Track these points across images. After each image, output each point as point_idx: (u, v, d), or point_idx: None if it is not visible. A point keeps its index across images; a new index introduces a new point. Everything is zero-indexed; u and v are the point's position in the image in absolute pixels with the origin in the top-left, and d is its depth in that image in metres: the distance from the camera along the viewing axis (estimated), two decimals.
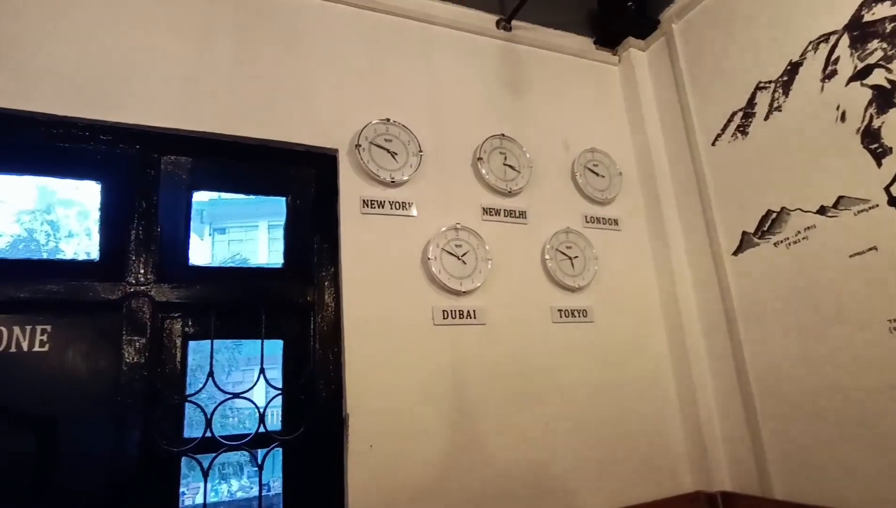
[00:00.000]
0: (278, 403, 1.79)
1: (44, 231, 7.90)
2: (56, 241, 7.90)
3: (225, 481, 6.89)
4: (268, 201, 16.39)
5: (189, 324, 1.73)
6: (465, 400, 1.88)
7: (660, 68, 2.58)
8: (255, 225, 15.85)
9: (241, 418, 8.27)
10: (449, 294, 1.95)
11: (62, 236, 7.97)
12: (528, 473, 1.90)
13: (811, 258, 1.90)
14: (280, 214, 5.69)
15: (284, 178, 1.94)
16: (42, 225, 7.86)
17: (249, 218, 15.07)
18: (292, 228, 1.91)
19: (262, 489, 1.69)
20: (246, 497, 10.39)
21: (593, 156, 2.43)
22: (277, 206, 8.07)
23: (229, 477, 6.84)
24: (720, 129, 2.27)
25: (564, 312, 2.14)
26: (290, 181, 1.95)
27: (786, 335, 1.96)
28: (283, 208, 1.95)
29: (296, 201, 1.94)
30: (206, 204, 12.85)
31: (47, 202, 7.97)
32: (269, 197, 1.93)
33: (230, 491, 7.33)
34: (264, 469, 1.73)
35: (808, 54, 1.95)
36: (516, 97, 2.39)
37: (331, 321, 1.83)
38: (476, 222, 2.09)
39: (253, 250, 14.80)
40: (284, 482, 1.72)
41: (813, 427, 1.86)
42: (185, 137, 1.78)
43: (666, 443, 2.17)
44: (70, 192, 8.31)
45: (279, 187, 1.94)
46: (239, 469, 9.50)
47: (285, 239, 1.91)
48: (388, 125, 2.03)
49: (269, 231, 16.43)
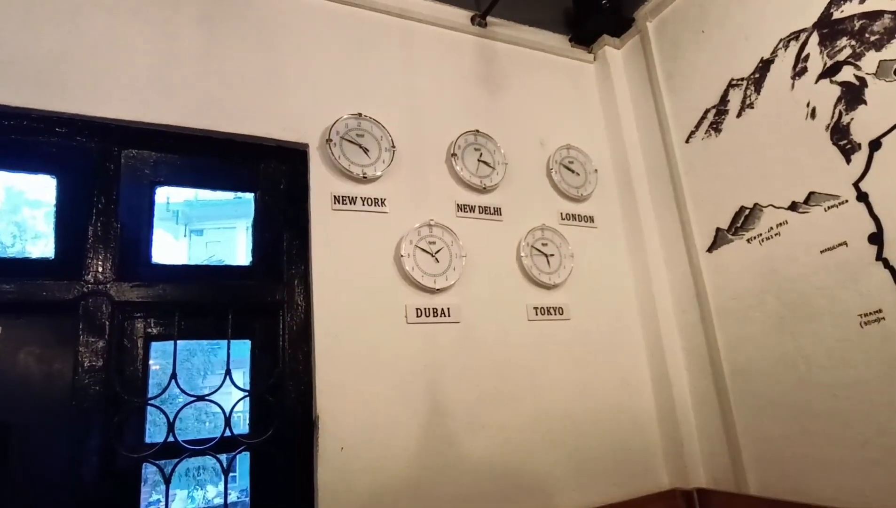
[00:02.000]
0: (246, 406, 1.73)
1: (10, 232, 7.63)
2: (23, 242, 7.63)
3: (201, 487, 6.72)
4: (246, 201, 16.18)
5: (151, 324, 1.66)
6: (440, 400, 1.84)
7: (634, 66, 2.58)
8: (232, 226, 15.61)
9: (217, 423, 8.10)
10: (422, 292, 1.92)
11: (29, 238, 7.71)
12: (505, 472, 1.87)
13: (783, 254, 1.91)
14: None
15: (253, 173, 1.88)
16: (8, 226, 7.59)
17: (227, 219, 14.83)
18: (261, 225, 1.86)
19: (227, 495, 1.63)
20: (220, 503, 10.22)
21: (569, 153, 2.42)
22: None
23: (205, 483, 6.67)
24: (694, 126, 2.27)
25: (540, 309, 2.12)
26: (259, 177, 1.89)
27: (759, 330, 1.97)
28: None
29: (265, 198, 1.88)
30: (181, 205, 12.60)
31: (14, 203, 7.71)
32: (238, 193, 1.87)
33: (206, 498, 7.17)
34: (238, 474, 1.67)
35: (779, 52, 1.96)
36: (492, 94, 2.37)
37: (301, 320, 1.78)
38: (450, 219, 2.05)
39: (230, 252, 14.57)
40: (252, 486, 1.66)
41: (787, 423, 1.87)
42: (147, 130, 1.71)
43: (642, 441, 2.16)
44: (38, 192, 8.05)
45: (248, 183, 1.88)
46: (215, 475, 9.32)
47: (254, 236, 1.86)
48: (360, 120, 1.98)
49: (247, 232, 16.20)
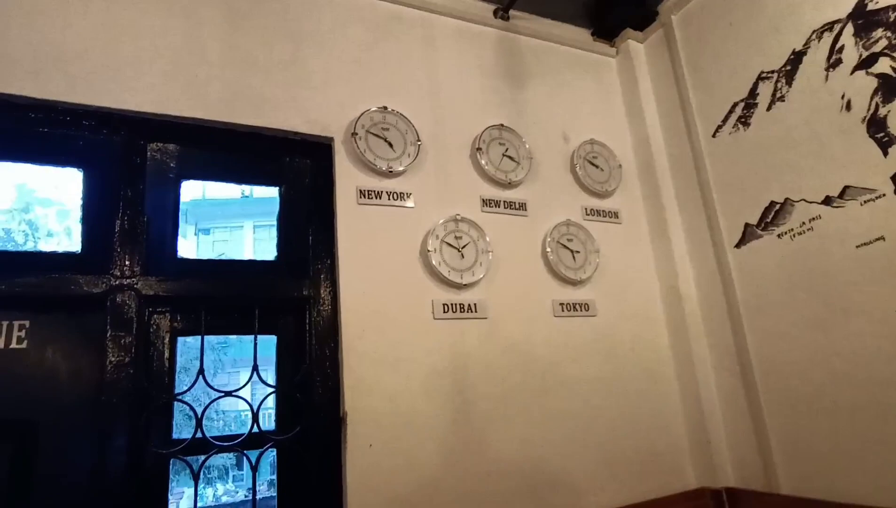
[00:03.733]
0: (271, 403, 1.71)
1: (21, 231, 7.67)
2: (35, 240, 7.67)
3: (210, 485, 6.73)
4: (255, 200, 16.22)
5: (178, 320, 1.65)
6: (467, 396, 1.82)
7: (658, 60, 2.54)
8: (239, 225, 15.65)
9: (226, 420, 8.08)
10: (449, 287, 1.89)
11: (41, 236, 7.75)
12: (531, 470, 1.84)
13: (817, 250, 1.87)
14: (265, 214, 5.72)
15: (278, 167, 1.87)
16: (20, 225, 7.63)
17: (234, 218, 14.87)
18: (286, 219, 1.84)
19: (255, 492, 1.61)
20: (232, 501, 10.23)
21: (592, 148, 2.39)
22: (262, 206, 8.18)
23: (214, 481, 6.68)
24: (721, 120, 2.24)
25: (566, 305, 2.09)
26: (284, 171, 1.87)
27: (791, 327, 1.93)
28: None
29: (289, 192, 1.86)
30: (189, 204, 12.65)
31: (25, 201, 7.74)
32: (262, 187, 1.85)
33: (216, 496, 7.19)
34: (257, 471, 1.65)
35: (811, 43, 1.93)
36: (515, 88, 2.34)
37: (327, 315, 1.76)
38: (476, 214, 2.03)
39: (238, 251, 14.61)
40: (279, 484, 1.64)
41: (820, 421, 1.83)
42: (172, 123, 1.69)
43: (669, 439, 2.13)
44: (49, 191, 8.09)
45: (272, 177, 1.86)
46: (224, 473, 9.34)
47: (278, 231, 1.83)
48: (385, 113, 1.96)
49: (254, 231, 16.23)
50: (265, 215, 16.81)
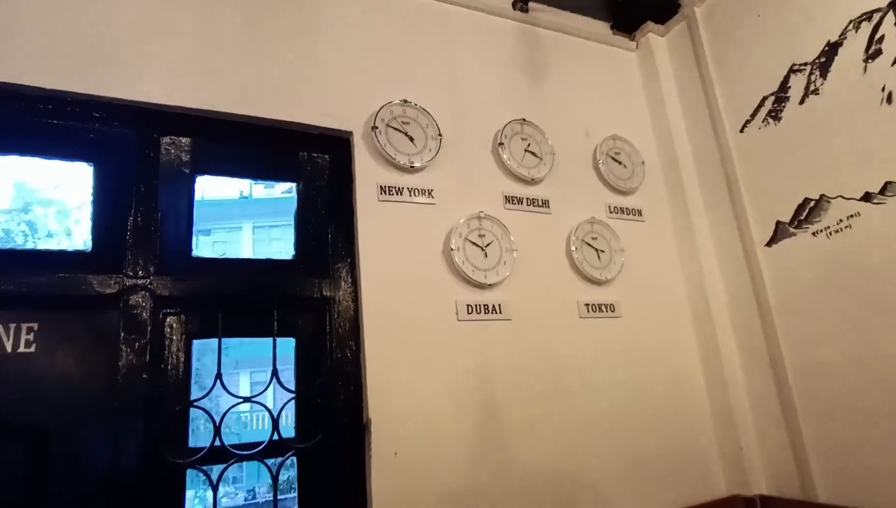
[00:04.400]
0: (291, 409, 1.63)
1: (21, 231, 7.57)
2: (35, 241, 7.58)
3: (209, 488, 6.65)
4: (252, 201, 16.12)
5: (193, 321, 1.57)
6: (492, 401, 1.74)
7: (681, 54, 2.47)
8: (238, 226, 15.55)
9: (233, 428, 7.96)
10: (473, 287, 1.82)
11: (41, 236, 7.65)
12: (558, 478, 1.77)
13: (856, 248, 1.80)
14: (264, 214, 5.64)
15: (295, 162, 1.79)
16: (19, 225, 7.54)
17: (234, 219, 14.78)
18: (304, 217, 1.76)
19: (276, 503, 1.53)
20: (233, 505, 10.11)
21: (615, 144, 2.32)
22: (261, 207, 8.12)
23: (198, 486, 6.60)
24: (749, 115, 2.17)
25: (592, 306, 2.02)
26: (301, 166, 1.79)
27: (828, 329, 1.86)
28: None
29: (308, 188, 1.78)
30: None
31: (25, 201, 7.65)
32: (279, 183, 1.77)
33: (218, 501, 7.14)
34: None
35: (848, 34, 1.86)
36: (535, 81, 2.27)
37: (348, 316, 1.68)
38: (498, 211, 1.96)
39: (237, 252, 14.52)
40: (300, 493, 1.56)
41: (860, 427, 1.76)
42: (187, 115, 1.62)
43: (698, 445, 2.06)
44: (49, 191, 8.00)
45: (289, 173, 1.79)
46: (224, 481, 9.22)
47: (296, 229, 1.76)
48: (405, 107, 1.89)
49: (253, 232, 16.15)
50: (264, 216, 16.75)
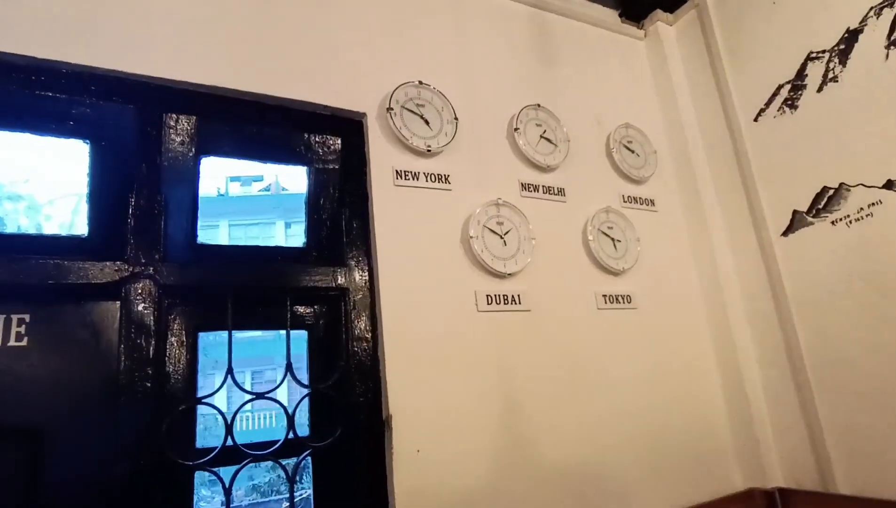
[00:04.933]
0: (305, 406, 1.54)
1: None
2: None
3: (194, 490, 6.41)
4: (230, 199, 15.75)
5: (201, 313, 1.46)
6: (514, 396, 1.67)
7: (691, 43, 2.44)
8: (215, 225, 15.20)
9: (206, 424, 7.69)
10: (492, 277, 1.75)
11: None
12: (580, 474, 1.71)
13: (878, 236, 1.78)
14: (243, 212, 5.48)
15: (306, 144, 1.69)
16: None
17: (210, 217, 14.44)
18: (316, 202, 1.66)
19: (293, 504, 1.43)
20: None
21: (627, 132, 2.27)
22: (239, 205, 8.00)
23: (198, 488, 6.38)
24: (764, 103, 2.14)
25: (609, 297, 1.97)
26: (313, 148, 1.69)
27: (849, 319, 1.84)
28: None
29: (319, 172, 1.68)
30: None
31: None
32: (289, 165, 1.67)
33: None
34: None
35: (868, 20, 1.84)
36: (547, 67, 2.20)
37: (365, 307, 1.59)
38: (515, 199, 1.88)
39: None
40: (316, 494, 1.47)
41: (882, 417, 1.74)
42: (192, 92, 1.50)
43: (715, 439, 2.02)
44: (18, 186, 7.65)
45: (299, 156, 1.68)
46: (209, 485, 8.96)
47: (307, 215, 1.66)
48: (420, 88, 1.80)
49: (230, 230, 15.80)
50: (241, 214, 16.41)
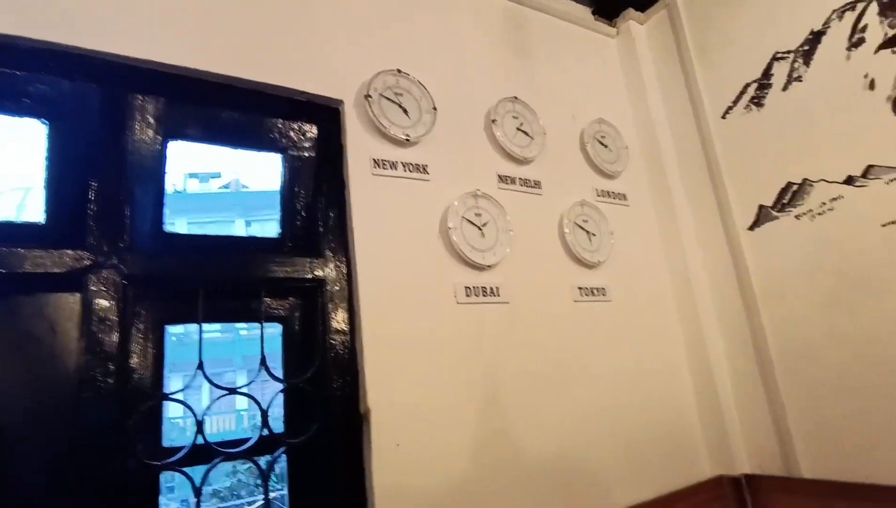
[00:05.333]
0: (279, 401, 1.48)
1: None
2: None
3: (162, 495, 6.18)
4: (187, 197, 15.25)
5: (168, 305, 1.39)
6: (494, 388, 1.66)
7: (661, 42, 2.49)
8: (171, 223, 14.67)
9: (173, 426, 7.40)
10: (471, 269, 1.73)
11: None
12: (561, 465, 1.71)
13: (839, 230, 1.85)
14: (201, 210, 5.39)
15: (280, 131, 1.63)
16: None
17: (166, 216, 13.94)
18: (291, 191, 1.60)
19: (269, 503, 1.38)
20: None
21: (601, 127, 2.29)
22: (196, 202, 7.87)
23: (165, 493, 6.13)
24: (731, 101, 2.20)
25: (585, 290, 1.98)
26: (288, 135, 1.64)
27: (811, 310, 1.91)
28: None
29: (294, 160, 1.63)
30: None
31: None
32: (262, 152, 1.61)
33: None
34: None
35: (832, 23, 1.91)
36: (523, 61, 2.20)
37: (342, 299, 1.55)
38: (493, 190, 1.88)
39: None
40: (291, 493, 1.42)
41: (843, 403, 1.82)
42: (160, 72, 1.42)
43: (687, 429, 2.07)
44: None
45: (273, 142, 1.62)
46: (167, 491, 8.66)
47: (282, 204, 1.60)
48: (398, 77, 1.77)
49: (188, 230, 15.32)
50: (199, 212, 15.93)
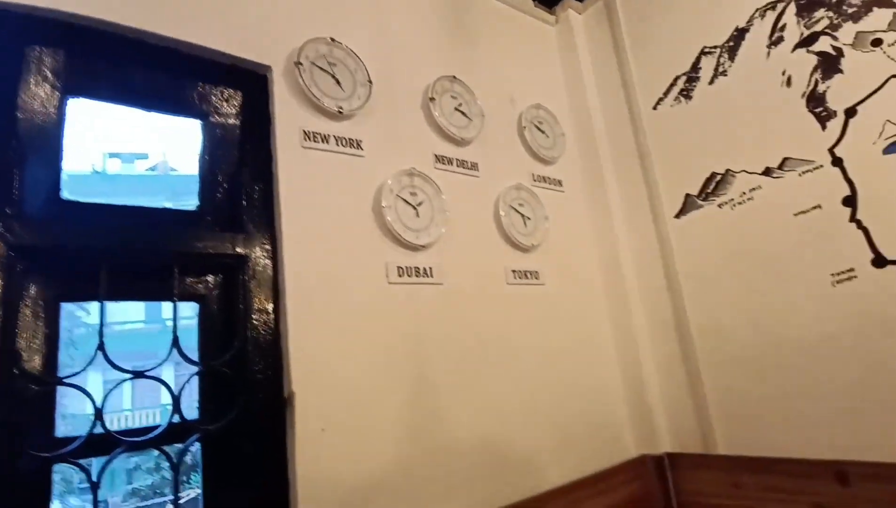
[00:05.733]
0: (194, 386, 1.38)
1: None
2: None
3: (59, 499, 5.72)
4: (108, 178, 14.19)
5: (64, 280, 1.25)
6: (425, 371, 1.63)
7: (598, 32, 2.52)
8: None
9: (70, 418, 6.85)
10: (404, 249, 1.68)
11: None
12: (491, 447, 1.71)
13: (756, 218, 1.95)
14: (126, 194, 5.11)
15: (201, 95, 1.50)
16: None
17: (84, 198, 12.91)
18: (212, 161, 1.49)
19: (178, 499, 1.27)
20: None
21: (538, 113, 2.30)
22: (120, 185, 7.42)
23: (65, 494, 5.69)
24: (662, 93, 2.27)
25: (518, 273, 1.98)
26: (209, 101, 1.51)
27: (730, 295, 2.00)
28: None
29: (216, 128, 1.51)
30: None
31: None
32: (179, 117, 1.48)
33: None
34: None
35: (755, 21, 2.00)
36: (464, 41, 2.16)
37: (266, 278, 1.45)
38: (429, 170, 1.83)
39: None
40: (205, 484, 1.32)
41: (757, 383, 1.91)
42: (62, 22, 1.27)
43: (613, 410, 2.12)
44: None
45: (192, 107, 1.49)
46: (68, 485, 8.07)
47: (201, 175, 1.48)
48: (332, 46, 1.68)
49: None
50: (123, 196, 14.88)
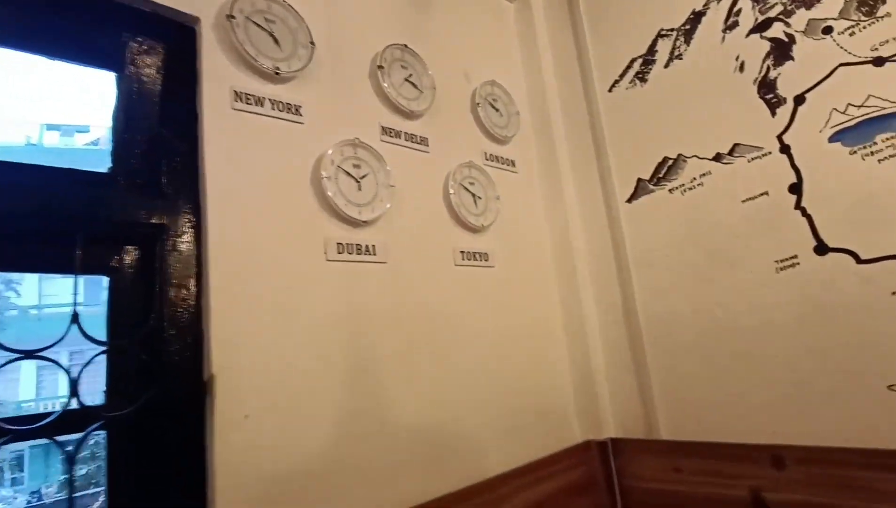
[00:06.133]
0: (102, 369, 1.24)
1: None
2: None
3: None
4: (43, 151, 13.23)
5: None
6: (365, 353, 1.53)
7: (557, 11, 2.46)
8: None
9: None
10: (345, 224, 1.58)
11: None
12: (434, 433, 1.64)
13: (705, 204, 1.94)
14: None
15: (116, 45, 1.35)
16: None
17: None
18: (127, 118, 1.33)
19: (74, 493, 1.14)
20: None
21: (493, 90, 2.22)
22: (56, 159, 6.82)
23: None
24: (618, 75, 2.23)
25: (467, 254, 1.91)
26: (126, 52, 1.36)
27: (678, 279, 1.99)
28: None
29: (133, 82, 1.36)
30: None
31: None
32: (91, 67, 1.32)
33: None
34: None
35: (711, 4, 1.97)
36: (418, 10, 2.05)
37: (188, 251, 1.32)
38: (375, 142, 1.73)
39: None
40: (111, 477, 1.19)
41: (701, 368, 1.92)
42: None
43: (560, 395, 2.10)
44: None
45: (107, 57, 1.33)
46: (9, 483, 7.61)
47: (114, 134, 1.33)
48: (270, 2, 1.54)
49: None
50: None
